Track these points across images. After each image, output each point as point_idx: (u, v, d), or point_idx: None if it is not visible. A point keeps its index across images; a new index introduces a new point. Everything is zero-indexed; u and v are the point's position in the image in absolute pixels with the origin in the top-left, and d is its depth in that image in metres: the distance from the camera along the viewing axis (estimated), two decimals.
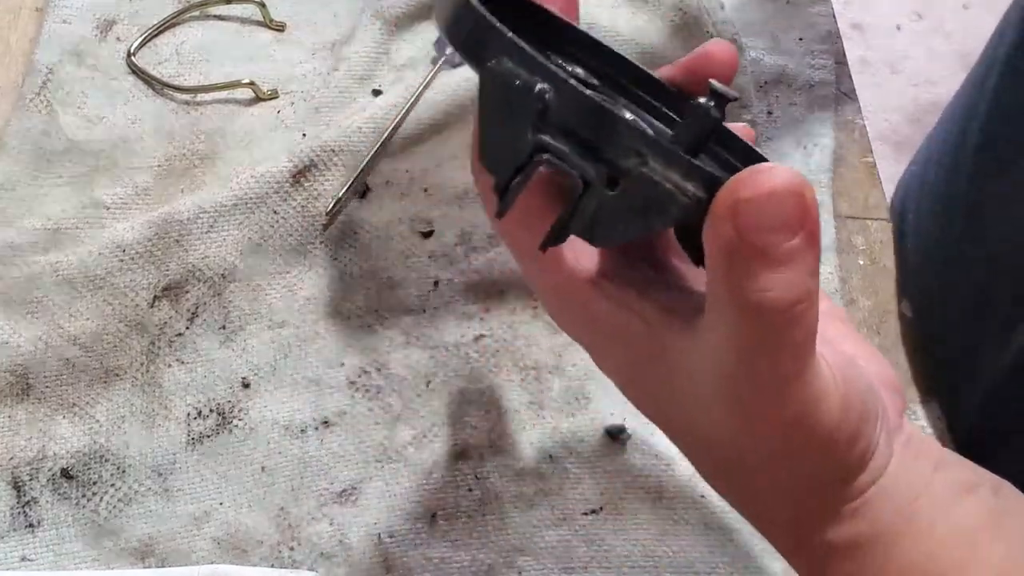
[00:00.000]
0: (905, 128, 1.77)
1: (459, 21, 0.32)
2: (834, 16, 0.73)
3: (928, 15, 2.02)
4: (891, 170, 0.73)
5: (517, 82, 0.31)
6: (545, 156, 0.31)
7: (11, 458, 0.53)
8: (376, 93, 0.66)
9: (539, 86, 0.30)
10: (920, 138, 0.72)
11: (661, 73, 0.38)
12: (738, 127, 0.38)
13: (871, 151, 0.68)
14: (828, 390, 0.31)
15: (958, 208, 0.61)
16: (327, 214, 0.60)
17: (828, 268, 0.62)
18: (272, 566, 0.51)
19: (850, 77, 0.71)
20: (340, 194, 0.60)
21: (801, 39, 0.71)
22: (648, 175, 0.30)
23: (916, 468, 0.34)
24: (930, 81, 1.88)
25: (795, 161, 0.66)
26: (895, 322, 0.62)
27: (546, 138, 0.30)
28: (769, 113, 0.67)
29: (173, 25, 0.69)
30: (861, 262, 0.64)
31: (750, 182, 0.28)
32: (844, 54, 0.72)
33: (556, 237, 0.32)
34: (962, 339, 0.59)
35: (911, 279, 0.63)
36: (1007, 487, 0.36)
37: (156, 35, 0.68)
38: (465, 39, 0.33)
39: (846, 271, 0.63)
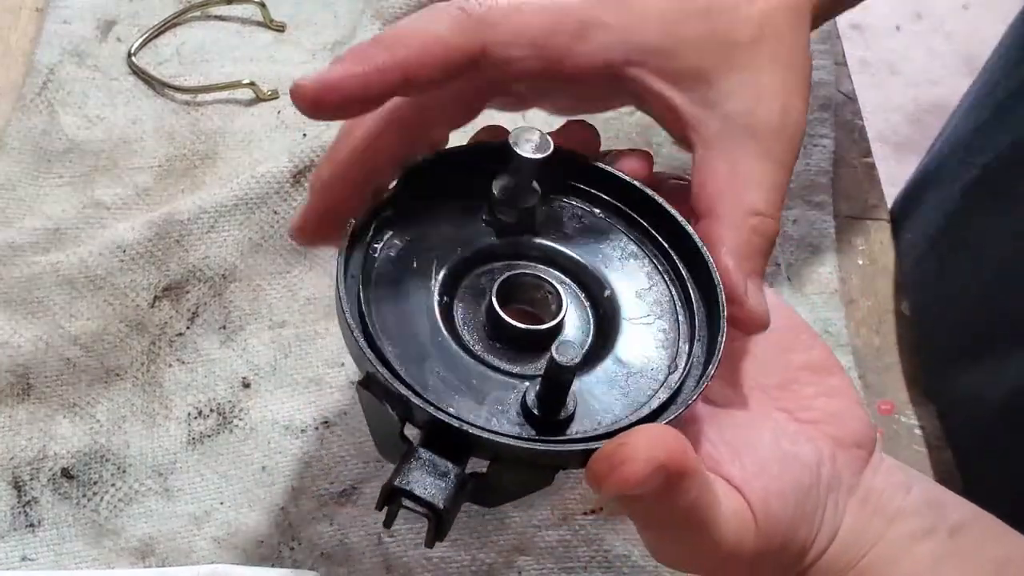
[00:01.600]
0: (905, 128, 1.77)
1: (346, 341, 0.36)
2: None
3: (928, 15, 2.02)
4: (891, 170, 0.73)
5: (378, 402, 0.34)
6: (402, 500, 0.33)
7: (12, 458, 0.53)
8: None
9: (394, 409, 0.34)
10: (920, 138, 0.73)
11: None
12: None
13: (871, 151, 0.68)
14: (738, 536, 0.35)
15: (958, 215, 0.61)
16: None
17: (828, 268, 0.62)
18: (272, 566, 0.51)
19: (850, 77, 0.71)
20: None
21: None
22: (501, 470, 0.34)
23: (870, 525, 0.38)
24: (930, 81, 1.88)
25: None
26: (894, 322, 0.62)
27: (399, 483, 0.32)
28: None
29: (173, 25, 0.69)
30: (861, 262, 0.64)
31: (608, 476, 0.32)
32: (844, 54, 0.72)
33: (431, 542, 0.34)
34: (962, 344, 0.59)
35: (910, 280, 0.63)
36: (974, 527, 0.39)
37: (156, 35, 0.68)
38: (350, 351, 0.36)
39: (845, 271, 0.63)
